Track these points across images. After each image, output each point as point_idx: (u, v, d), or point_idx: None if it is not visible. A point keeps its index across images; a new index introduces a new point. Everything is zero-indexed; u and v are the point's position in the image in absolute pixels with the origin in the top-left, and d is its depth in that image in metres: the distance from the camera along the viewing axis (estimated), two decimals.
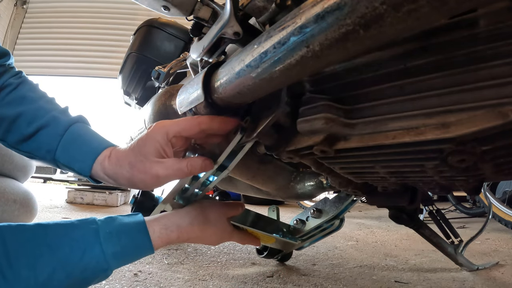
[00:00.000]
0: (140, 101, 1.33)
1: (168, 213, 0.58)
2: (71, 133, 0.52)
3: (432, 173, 0.42)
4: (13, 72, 0.57)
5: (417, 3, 0.22)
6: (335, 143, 0.42)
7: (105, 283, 0.81)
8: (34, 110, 0.52)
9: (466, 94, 0.31)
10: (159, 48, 1.26)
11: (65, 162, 0.51)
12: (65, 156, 0.51)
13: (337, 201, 0.85)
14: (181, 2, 0.54)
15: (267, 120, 0.45)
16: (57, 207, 2.29)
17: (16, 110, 0.52)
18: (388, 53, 0.36)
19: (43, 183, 4.45)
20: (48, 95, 0.58)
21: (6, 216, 0.87)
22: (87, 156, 0.50)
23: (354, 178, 0.56)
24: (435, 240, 0.98)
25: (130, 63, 1.28)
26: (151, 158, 0.47)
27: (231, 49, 0.56)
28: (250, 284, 0.88)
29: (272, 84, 0.37)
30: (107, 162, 0.50)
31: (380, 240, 1.59)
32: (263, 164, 0.74)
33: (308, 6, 0.29)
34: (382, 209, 2.75)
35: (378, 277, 0.96)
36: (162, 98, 0.66)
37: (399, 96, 0.37)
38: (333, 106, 0.41)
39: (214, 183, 0.62)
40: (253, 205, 2.77)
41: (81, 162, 0.50)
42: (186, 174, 0.48)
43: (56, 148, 0.51)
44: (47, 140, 0.51)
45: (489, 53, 0.30)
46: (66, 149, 0.51)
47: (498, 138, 0.33)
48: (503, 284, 0.93)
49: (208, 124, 0.48)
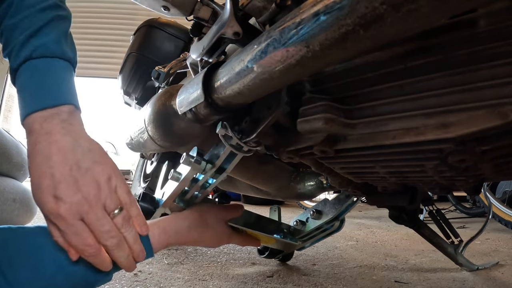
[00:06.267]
0: (140, 101, 1.33)
1: (167, 217, 0.58)
2: (18, 76, 0.44)
3: (432, 173, 0.42)
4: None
5: (417, 3, 0.22)
6: (335, 143, 0.42)
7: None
8: (12, 25, 0.44)
9: (466, 94, 0.31)
10: (159, 48, 1.26)
11: (17, 88, 0.44)
12: (17, 82, 0.44)
13: (337, 203, 0.85)
14: (181, 2, 0.54)
15: (267, 120, 0.45)
16: None
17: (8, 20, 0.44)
18: (388, 53, 0.36)
19: None
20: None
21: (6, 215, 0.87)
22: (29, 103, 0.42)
23: (354, 178, 0.56)
24: (435, 240, 0.98)
25: (130, 63, 1.28)
26: None
27: (231, 49, 0.56)
28: (250, 284, 0.88)
29: (272, 84, 0.37)
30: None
31: (380, 240, 1.58)
32: (263, 164, 0.74)
33: (308, 6, 0.29)
34: (382, 209, 2.75)
35: (378, 277, 0.96)
36: (162, 98, 0.66)
37: (399, 96, 0.37)
38: (333, 106, 0.41)
39: (213, 185, 0.62)
40: (253, 205, 2.77)
41: (22, 107, 0.42)
42: None
43: (17, 69, 0.44)
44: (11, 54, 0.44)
45: (489, 53, 0.30)
46: (17, 77, 0.44)
47: (498, 138, 0.33)
48: (503, 284, 0.93)
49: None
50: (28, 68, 0.43)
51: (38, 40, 0.43)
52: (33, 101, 0.42)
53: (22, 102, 0.42)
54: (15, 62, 0.43)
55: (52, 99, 0.42)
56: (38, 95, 0.42)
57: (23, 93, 0.43)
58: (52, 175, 0.38)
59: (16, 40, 0.43)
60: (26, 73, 0.43)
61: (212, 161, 0.57)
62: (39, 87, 0.42)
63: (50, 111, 0.41)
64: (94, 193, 0.39)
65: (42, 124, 0.40)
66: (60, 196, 0.38)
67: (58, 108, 0.41)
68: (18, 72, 0.43)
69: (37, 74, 0.43)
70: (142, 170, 1.54)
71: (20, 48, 0.43)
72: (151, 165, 1.36)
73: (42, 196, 0.38)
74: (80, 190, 0.38)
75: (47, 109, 0.41)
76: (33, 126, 0.40)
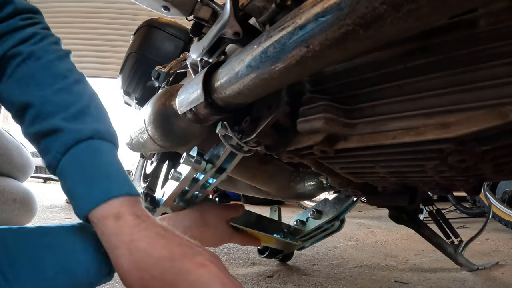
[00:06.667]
0: (140, 101, 1.33)
1: (168, 216, 0.58)
2: (73, 156, 0.38)
3: (432, 173, 0.42)
4: (25, 34, 0.42)
5: (417, 3, 0.22)
6: (335, 143, 0.42)
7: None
8: (40, 104, 0.39)
9: (466, 94, 0.31)
10: (159, 48, 1.26)
11: (65, 189, 0.39)
12: (65, 183, 0.39)
13: (337, 202, 0.85)
14: (181, 2, 0.54)
15: (267, 120, 0.45)
16: (57, 207, 2.29)
17: (21, 98, 0.40)
18: (388, 53, 0.36)
19: (43, 183, 4.45)
20: (69, 74, 0.42)
21: (6, 215, 0.87)
22: (84, 198, 0.37)
23: (354, 178, 0.56)
24: (435, 240, 0.98)
25: (130, 63, 1.28)
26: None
27: (231, 49, 0.56)
28: (250, 284, 0.88)
29: (272, 84, 0.37)
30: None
31: (380, 240, 1.58)
32: (263, 164, 0.74)
33: (308, 6, 0.29)
34: (382, 209, 2.75)
35: (378, 277, 0.96)
36: (162, 98, 0.66)
37: (399, 96, 0.37)
38: (333, 106, 0.41)
39: (214, 185, 0.62)
40: (253, 205, 2.77)
41: (77, 200, 0.38)
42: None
43: (57, 166, 0.39)
44: (48, 152, 0.39)
45: (489, 53, 0.30)
46: (64, 176, 0.38)
47: (498, 138, 0.33)
48: (503, 284, 0.93)
49: None
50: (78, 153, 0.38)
51: (88, 123, 0.39)
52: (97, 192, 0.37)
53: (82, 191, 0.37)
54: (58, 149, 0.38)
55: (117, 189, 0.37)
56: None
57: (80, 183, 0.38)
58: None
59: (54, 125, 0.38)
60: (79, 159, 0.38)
61: (212, 161, 0.57)
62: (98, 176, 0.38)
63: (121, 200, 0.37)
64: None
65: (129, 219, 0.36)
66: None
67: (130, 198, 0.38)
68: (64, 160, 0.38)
69: (93, 162, 0.38)
70: (142, 170, 1.54)
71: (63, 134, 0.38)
72: (151, 165, 1.36)
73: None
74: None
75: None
76: (107, 220, 0.36)
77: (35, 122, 0.39)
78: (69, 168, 0.38)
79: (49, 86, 0.40)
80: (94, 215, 0.36)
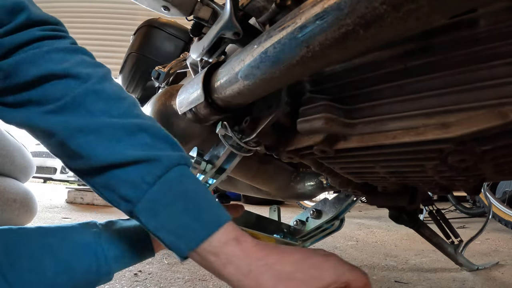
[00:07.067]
0: (140, 101, 1.33)
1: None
2: (167, 185, 0.34)
3: (432, 173, 0.42)
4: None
5: (417, 3, 0.22)
6: (335, 143, 0.42)
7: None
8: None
9: (466, 94, 0.31)
10: (159, 48, 1.26)
11: (153, 225, 0.34)
12: (154, 217, 0.34)
13: (337, 202, 0.85)
14: (181, 2, 0.54)
15: (267, 120, 0.45)
16: (57, 207, 2.29)
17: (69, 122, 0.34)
18: (388, 53, 0.36)
19: (43, 183, 4.45)
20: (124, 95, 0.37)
21: (6, 215, 0.87)
22: (193, 228, 0.33)
23: (354, 178, 0.56)
24: (435, 240, 0.98)
25: (130, 63, 1.28)
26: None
27: (231, 49, 0.56)
28: None
29: (272, 84, 0.37)
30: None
31: (380, 240, 1.58)
32: (263, 164, 0.74)
33: (308, 6, 0.29)
34: (382, 209, 2.75)
35: (378, 277, 0.96)
36: (162, 98, 0.66)
37: (399, 96, 0.37)
38: (333, 106, 0.41)
39: (213, 186, 0.62)
40: (253, 205, 2.77)
41: (182, 232, 0.33)
42: None
43: (140, 200, 0.34)
44: (124, 185, 0.34)
45: (489, 53, 0.30)
46: (155, 210, 0.34)
47: (498, 138, 0.33)
48: (503, 284, 0.93)
49: None
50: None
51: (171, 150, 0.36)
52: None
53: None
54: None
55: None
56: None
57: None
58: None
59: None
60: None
61: (212, 161, 0.57)
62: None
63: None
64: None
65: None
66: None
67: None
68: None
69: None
70: None
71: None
72: None
73: None
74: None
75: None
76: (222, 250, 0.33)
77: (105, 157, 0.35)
78: (164, 199, 0.34)
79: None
80: (211, 244, 0.33)
